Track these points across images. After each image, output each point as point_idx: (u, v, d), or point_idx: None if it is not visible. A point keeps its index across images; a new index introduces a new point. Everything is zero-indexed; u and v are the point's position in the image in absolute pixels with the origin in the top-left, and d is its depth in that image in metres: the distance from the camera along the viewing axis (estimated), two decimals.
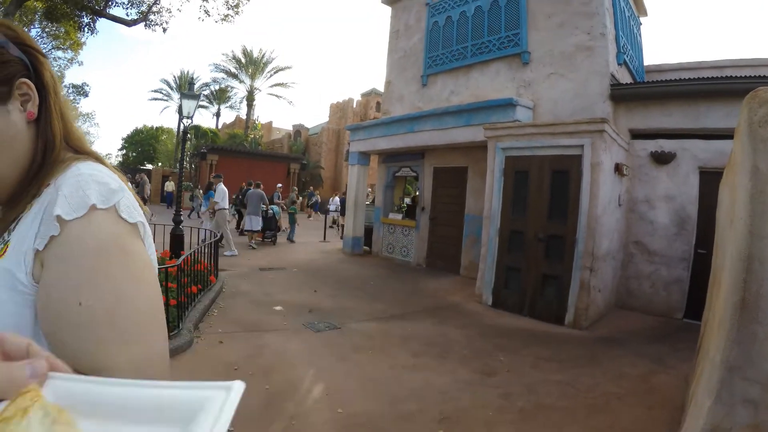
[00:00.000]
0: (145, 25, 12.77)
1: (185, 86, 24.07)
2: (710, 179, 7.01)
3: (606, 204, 6.63)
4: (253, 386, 3.74)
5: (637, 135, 7.96)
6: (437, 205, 10.57)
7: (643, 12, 11.29)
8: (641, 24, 11.05)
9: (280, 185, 16.44)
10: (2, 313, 0.67)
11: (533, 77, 8.63)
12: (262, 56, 36.86)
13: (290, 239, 14.13)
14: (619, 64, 8.35)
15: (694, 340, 4.53)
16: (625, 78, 8.57)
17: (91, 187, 0.71)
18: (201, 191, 16.53)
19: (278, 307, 6.41)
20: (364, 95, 37.65)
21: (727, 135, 7.21)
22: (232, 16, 12.75)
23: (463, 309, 7.00)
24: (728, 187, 2.73)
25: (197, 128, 32.45)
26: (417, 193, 12.59)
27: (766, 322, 1.53)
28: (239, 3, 12.60)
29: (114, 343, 0.65)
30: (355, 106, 36.59)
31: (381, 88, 16.63)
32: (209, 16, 12.94)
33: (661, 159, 7.54)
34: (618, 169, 7.03)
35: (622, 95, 7.83)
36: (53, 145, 0.78)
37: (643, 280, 7.53)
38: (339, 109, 36.65)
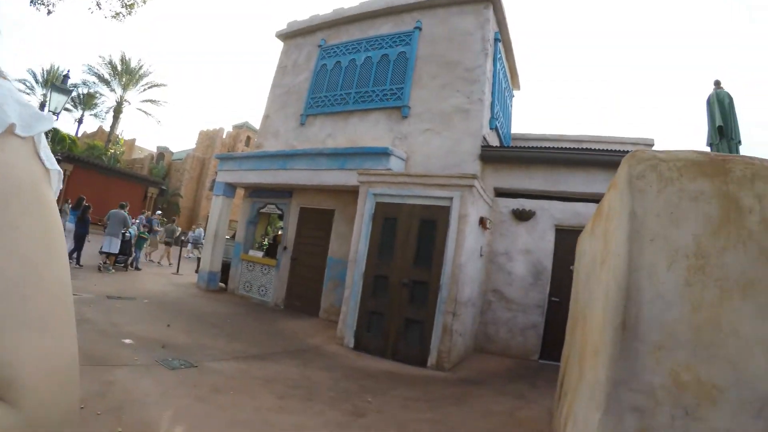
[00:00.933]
0: (31, 1, 11.39)
1: (54, 83, 21.70)
2: (565, 236, 8.17)
3: (470, 254, 7.28)
4: (102, 428, 3.44)
5: (501, 193, 8.93)
6: (300, 245, 10.67)
7: (517, 86, 13.11)
8: (514, 96, 12.72)
9: (159, 212, 15.49)
10: None
11: (410, 131, 9.38)
12: (140, 67, 35.12)
13: (136, 267, 13.30)
14: (491, 129, 9.46)
15: (551, 378, 5.15)
16: (494, 141, 9.76)
17: (9, 103, 0.53)
18: (69, 205, 14.88)
19: (128, 340, 5.97)
20: (235, 127, 37.55)
21: (582, 198, 8.49)
22: (123, 15, 11.90)
23: (325, 351, 7.11)
24: (596, 236, 3.26)
25: (56, 131, 29.18)
26: (280, 232, 12.59)
27: (645, 339, 1.93)
28: (135, 3, 11.87)
29: (16, 328, 0.48)
30: (224, 136, 36.23)
31: (254, 123, 16.63)
32: (100, 9, 11.94)
33: (522, 216, 8.56)
34: (482, 222, 7.79)
35: (491, 156, 8.83)
36: None
37: (500, 326, 8.35)
38: (208, 138, 36.04)
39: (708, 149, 6.68)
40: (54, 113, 8.34)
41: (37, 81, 35.48)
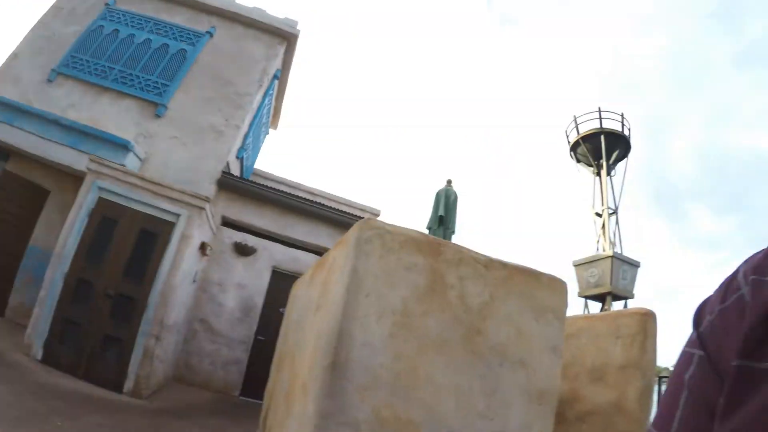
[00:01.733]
0: None
1: None
2: (281, 278, 8.53)
3: (184, 277, 7.05)
4: None
5: (228, 223, 8.91)
6: None
7: (275, 125, 13.50)
8: (269, 134, 13.00)
9: None
10: None
11: (158, 132, 8.79)
12: None
13: None
14: (237, 157, 9.51)
15: (252, 415, 5.27)
16: (236, 170, 9.77)
17: None
18: None
19: None
20: None
21: (303, 247, 9.02)
22: None
23: (8, 360, 5.94)
24: (315, 284, 3.60)
25: None
26: None
27: (352, 379, 2.22)
28: None
29: None
30: None
31: None
32: None
33: (244, 251, 8.66)
34: (203, 247, 7.67)
35: (229, 184, 8.76)
36: None
37: (204, 357, 8.12)
38: None
39: (426, 231, 7.85)
40: None
41: None
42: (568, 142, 20.22)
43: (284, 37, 10.25)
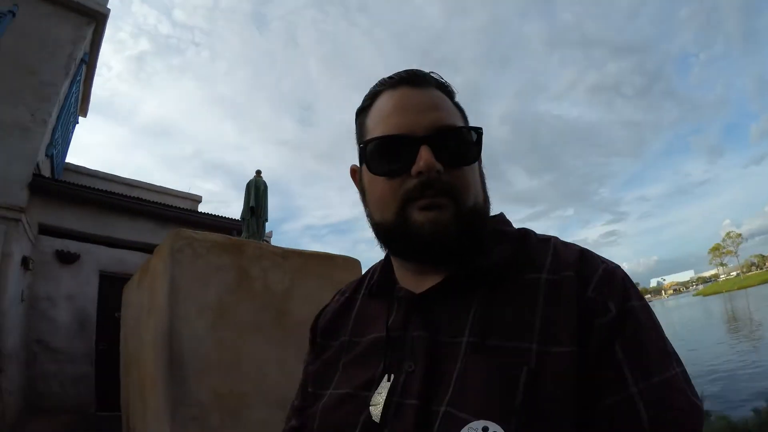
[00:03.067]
0: None
1: None
2: (110, 282, 8.32)
3: (12, 299, 6.68)
4: None
5: (45, 230, 8.22)
6: None
7: (85, 112, 12.12)
8: (78, 123, 11.75)
9: None
10: None
11: None
12: None
13: None
14: (47, 156, 8.58)
15: (113, 428, 5.33)
16: (47, 171, 8.87)
17: None
18: None
19: None
20: None
21: (128, 246, 8.79)
22: None
23: None
24: (143, 289, 3.89)
25: None
26: None
27: (189, 367, 2.62)
28: None
29: None
30: None
31: None
32: None
33: (66, 258, 8.21)
34: (25, 262, 7.24)
35: (41, 187, 7.92)
36: None
37: (50, 379, 7.64)
38: None
39: (241, 222, 8.11)
40: None
41: None
42: None
43: (92, 16, 9.34)
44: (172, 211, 9.76)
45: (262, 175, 8.27)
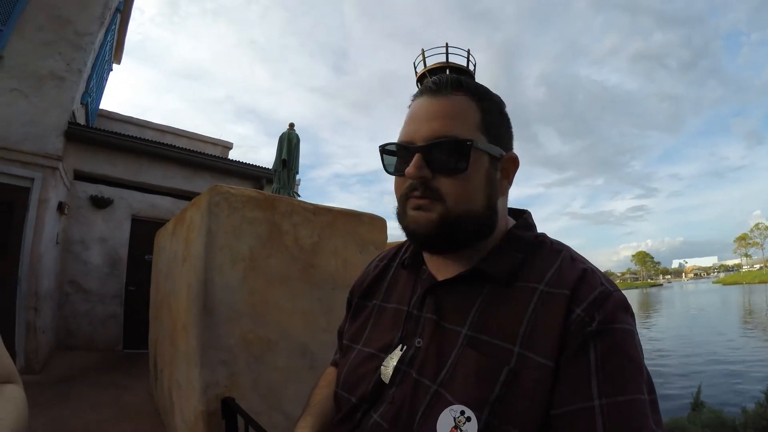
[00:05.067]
0: None
1: None
2: (141, 226, 8.66)
3: (48, 242, 6.93)
4: None
5: (80, 176, 8.60)
6: None
7: (119, 60, 12.34)
8: (112, 70, 11.95)
9: None
10: None
11: None
12: None
13: None
14: (82, 104, 8.80)
15: (140, 364, 5.64)
16: (81, 118, 9.07)
17: None
18: None
19: None
20: None
21: (160, 191, 9.04)
22: None
23: None
24: (177, 237, 4.06)
25: None
26: None
27: (220, 315, 2.78)
28: None
29: (2, 351, 0.90)
30: None
31: None
32: None
33: (100, 203, 8.54)
34: (61, 208, 7.51)
35: (77, 135, 8.17)
36: None
37: (81, 319, 8.10)
38: None
39: (272, 172, 8.25)
40: None
41: None
42: (416, 74, 21.13)
43: None
44: (204, 158, 9.92)
45: (294, 128, 8.37)
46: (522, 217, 0.95)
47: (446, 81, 0.87)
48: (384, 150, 0.91)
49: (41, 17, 8.08)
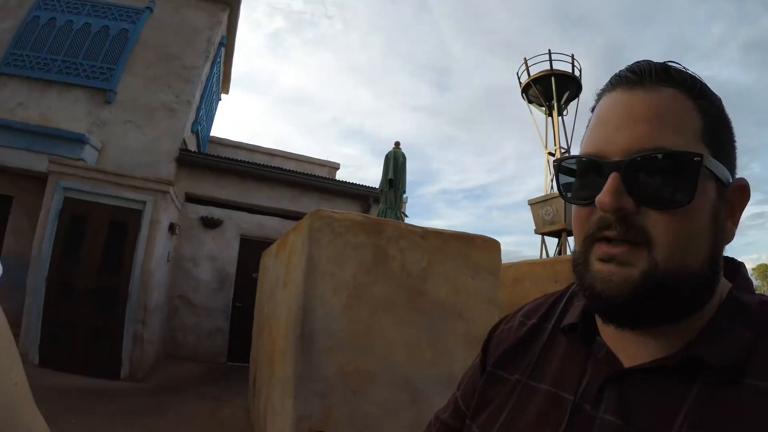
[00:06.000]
0: None
1: None
2: (249, 245, 8.91)
3: (159, 260, 7.32)
4: None
5: (192, 199, 9.09)
6: None
7: (226, 90, 13.40)
8: (221, 100, 12.88)
9: None
10: None
11: (111, 118, 8.63)
12: None
13: None
14: (192, 132, 9.49)
15: (240, 378, 5.67)
16: (192, 145, 9.80)
17: None
18: None
19: None
20: None
21: (267, 212, 9.29)
22: None
23: None
24: (280, 260, 3.97)
25: None
26: None
27: (319, 344, 2.63)
28: None
29: (35, 415, 0.64)
30: None
31: None
32: None
33: (210, 224, 8.95)
34: (172, 228, 7.95)
35: (187, 161, 8.89)
36: None
37: (188, 331, 8.52)
38: None
39: (378, 191, 8.14)
40: None
41: None
42: (520, 84, 20.54)
43: (226, 2, 10.03)
44: (310, 179, 10.06)
45: (400, 146, 8.21)
46: (739, 272, 0.60)
47: (649, 68, 0.56)
48: (561, 166, 0.61)
49: (150, 55, 9.06)
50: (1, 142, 7.79)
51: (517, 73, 20.58)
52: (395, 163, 7.90)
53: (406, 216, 8.43)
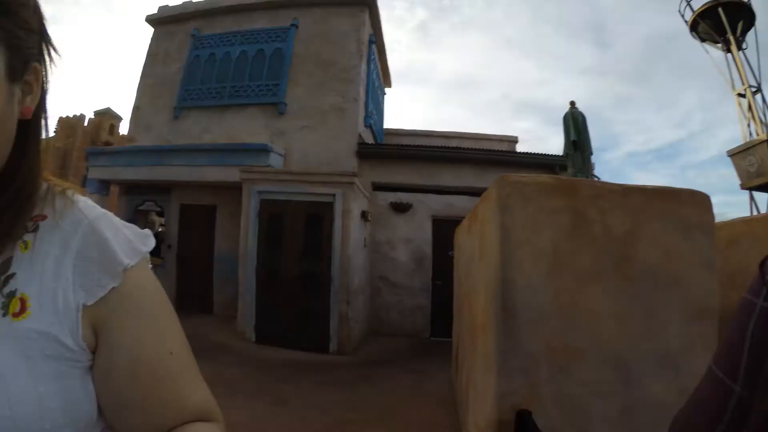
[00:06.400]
0: None
1: None
2: (441, 225, 9.06)
3: (355, 245, 7.86)
4: None
5: (378, 187, 9.54)
6: (185, 242, 10.33)
7: (389, 84, 14.08)
8: (386, 93, 13.54)
9: None
10: (47, 393, 0.52)
11: (287, 127, 9.60)
12: None
13: None
14: (365, 126, 10.07)
15: (443, 352, 5.80)
16: (369, 138, 10.33)
17: (124, 229, 0.66)
18: None
19: None
20: (97, 114, 33.21)
21: (454, 192, 9.37)
22: None
23: (230, 347, 7.19)
24: (473, 234, 3.91)
25: None
26: (161, 229, 12.32)
27: (521, 318, 2.53)
28: None
29: (194, 384, 0.65)
30: (86, 124, 31.95)
31: (116, 109, 15.27)
32: None
33: (400, 208, 9.32)
34: (364, 215, 8.41)
35: (367, 153, 9.48)
36: (40, 164, 0.62)
37: (391, 309, 9.07)
38: (68, 126, 31.30)
39: (564, 157, 7.65)
40: None
41: None
42: (686, 23, 17.52)
43: (363, 3, 10.38)
44: (492, 155, 10.01)
45: (576, 105, 7.60)
46: None
47: None
48: None
49: (308, 65, 9.94)
50: (198, 162, 9.15)
51: (680, 11, 17.43)
52: (575, 123, 7.33)
53: (599, 179, 7.74)
